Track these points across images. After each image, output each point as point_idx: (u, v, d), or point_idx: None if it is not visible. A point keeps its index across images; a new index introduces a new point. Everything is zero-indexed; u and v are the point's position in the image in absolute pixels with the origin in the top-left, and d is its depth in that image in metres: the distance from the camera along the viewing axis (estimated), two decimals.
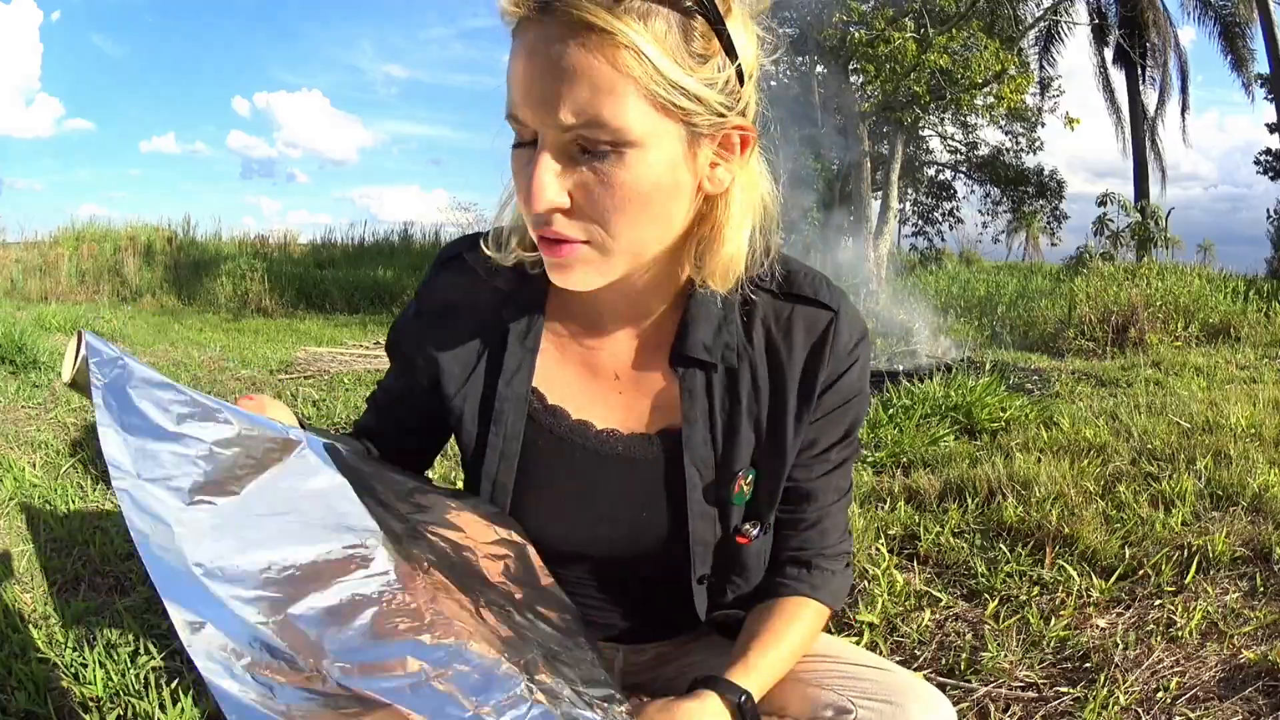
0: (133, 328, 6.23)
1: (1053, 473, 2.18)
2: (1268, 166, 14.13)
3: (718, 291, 0.66)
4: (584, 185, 0.57)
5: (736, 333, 0.69)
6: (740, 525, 0.72)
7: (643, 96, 0.55)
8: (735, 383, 0.70)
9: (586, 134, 0.55)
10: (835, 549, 0.77)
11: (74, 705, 1.21)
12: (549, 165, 0.56)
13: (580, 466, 0.72)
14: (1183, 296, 6.14)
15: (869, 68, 9.11)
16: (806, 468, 0.73)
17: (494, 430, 0.72)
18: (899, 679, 0.71)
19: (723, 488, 0.71)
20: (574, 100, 0.54)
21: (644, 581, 0.79)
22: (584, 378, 0.73)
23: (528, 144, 0.58)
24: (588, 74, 0.53)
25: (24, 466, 2.32)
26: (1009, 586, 1.61)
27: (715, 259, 0.64)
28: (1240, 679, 1.28)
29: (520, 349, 0.71)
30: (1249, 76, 12.75)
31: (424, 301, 0.75)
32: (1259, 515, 1.93)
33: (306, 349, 5.16)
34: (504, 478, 0.72)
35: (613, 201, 0.57)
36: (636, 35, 0.53)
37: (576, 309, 0.72)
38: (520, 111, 0.57)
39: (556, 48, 0.53)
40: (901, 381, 3.28)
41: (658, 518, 0.72)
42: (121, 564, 1.73)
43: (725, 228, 0.63)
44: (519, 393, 0.71)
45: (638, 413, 0.72)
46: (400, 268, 10.79)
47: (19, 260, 9.51)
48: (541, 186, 0.56)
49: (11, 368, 3.77)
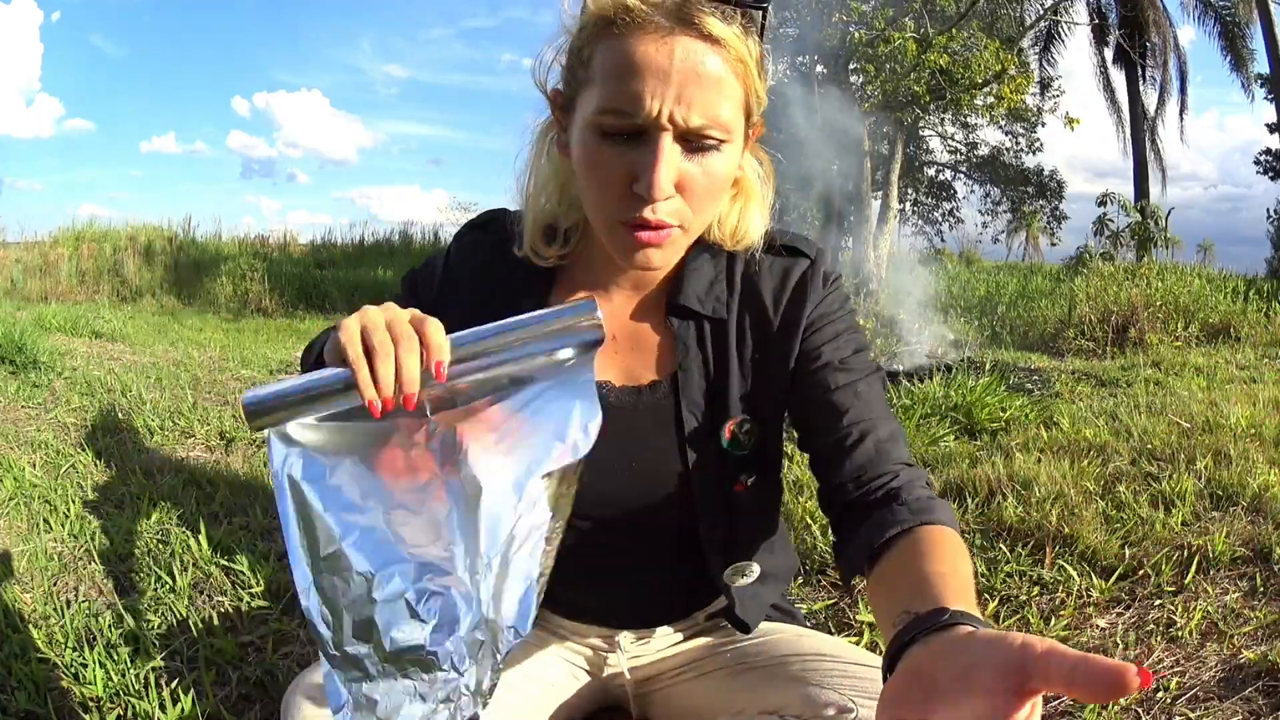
0: (133, 328, 6.23)
1: (1053, 473, 2.18)
2: (1268, 166, 14.14)
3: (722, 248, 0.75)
4: (688, 175, 0.64)
5: (725, 286, 0.76)
6: (737, 473, 0.75)
7: (738, 100, 0.64)
8: (724, 332, 0.75)
9: (707, 131, 0.63)
10: (908, 472, 0.69)
11: (74, 705, 1.21)
12: (673, 156, 0.63)
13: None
14: (1183, 296, 6.14)
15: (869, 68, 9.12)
16: (822, 381, 0.73)
17: None
18: None
19: (716, 434, 0.74)
20: (704, 102, 0.61)
21: (648, 542, 0.79)
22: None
23: (624, 136, 0.63)
24: (717, 81, 0.62)
25: (24, 466, 2.32)
26: (1009, 586, 1.61)
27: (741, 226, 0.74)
28: (1240, 679, 1.28)
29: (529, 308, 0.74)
30: (1249, 76, 12.75)
31: (451, 258, 0.80)
32: (1259, 515, 1.93)
33: None
34: None
35: (708, 190, 0.66)
36: (746, 50, 0.63)
37: (583, 277, 0.78)
38: (639, 105, 0.61)
39: (694, 57, 0.61)
40: (901, 381, 3.29)
41: (656, 467, 0.75)
42: (121, 564, 1.73)
43: (750, 200, 0.75)
44: None
45: (633, 367, 0.77)
46: (400, 268, 10.79)
47: (19, 260, 9.51)
48: (666, 176, 0.62)
49: (11, 368, 3.77)
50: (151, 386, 3.62)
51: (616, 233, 0.66)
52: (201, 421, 2.94)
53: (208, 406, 3.21)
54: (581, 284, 0.78)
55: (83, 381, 3.63)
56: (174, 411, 3.06)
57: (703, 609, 0.88)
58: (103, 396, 3.33)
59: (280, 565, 1.72)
